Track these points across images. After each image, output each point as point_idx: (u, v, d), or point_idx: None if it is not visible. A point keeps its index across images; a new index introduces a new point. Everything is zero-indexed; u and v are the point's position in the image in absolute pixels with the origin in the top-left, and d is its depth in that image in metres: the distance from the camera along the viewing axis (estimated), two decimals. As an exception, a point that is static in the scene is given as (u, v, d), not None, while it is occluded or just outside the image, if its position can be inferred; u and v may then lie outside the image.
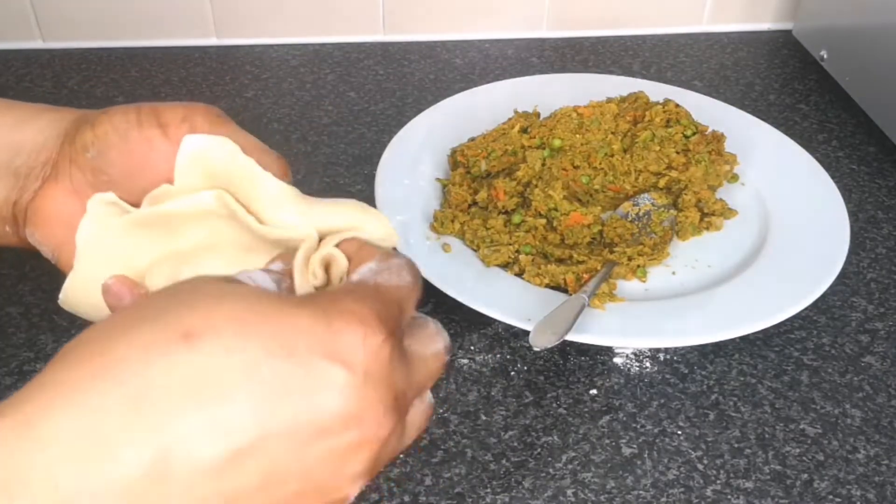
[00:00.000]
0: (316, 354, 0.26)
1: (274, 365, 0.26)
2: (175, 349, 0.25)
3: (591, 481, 0.44)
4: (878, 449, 0.46)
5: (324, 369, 0.26)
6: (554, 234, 0.57)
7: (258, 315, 0.26)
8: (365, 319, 0.27)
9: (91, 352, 0.25)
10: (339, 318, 0.27)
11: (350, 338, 0.27)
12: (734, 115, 0.68)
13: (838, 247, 0.55)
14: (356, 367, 0.27)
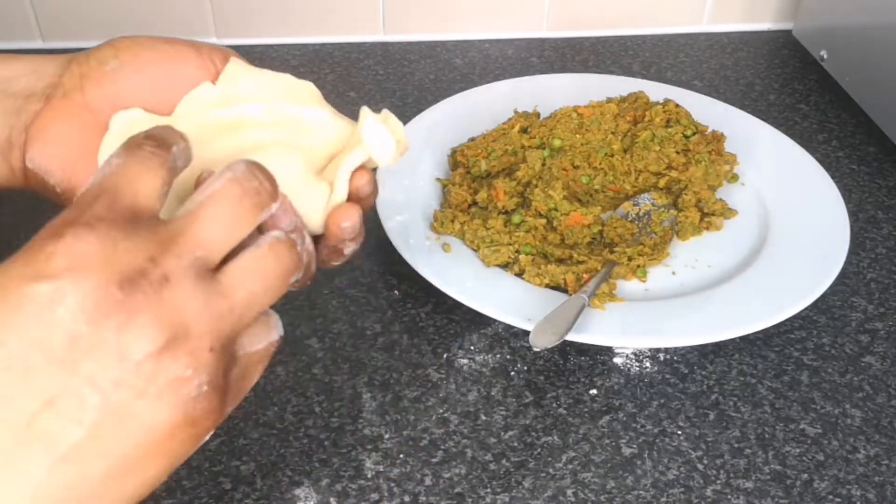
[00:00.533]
0: (14, 281, 0.26)
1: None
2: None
3: (591, 481, 0.44)
4: (879, 449, 0.46)
5: (31, 289, 0.25)
6: (554, 234, 0.57)
7: None
8: (54, 224, 0.27)
9: None
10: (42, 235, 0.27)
11: (37, 251, 0.26)
12: (734, 115, 0.68)
13: (838, 247, 0.55)
14: (56, 269, 0.25)
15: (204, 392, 0.27)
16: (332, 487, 0.43)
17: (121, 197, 0.28)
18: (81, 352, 0.25)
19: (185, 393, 0.26)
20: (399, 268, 0.54)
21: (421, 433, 0.46)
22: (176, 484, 0.43)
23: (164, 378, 0.26)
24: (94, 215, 0.27)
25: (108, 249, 0.26)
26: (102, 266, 0.26)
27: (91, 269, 0.26)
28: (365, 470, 0.44)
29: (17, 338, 0.25)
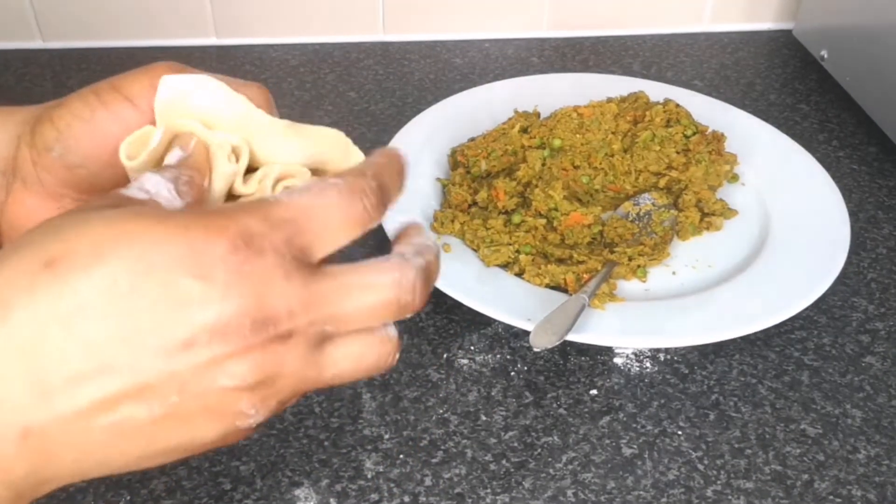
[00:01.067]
0: (174, 269, 0.27)
1: (132, 281, 0.26)
2: (36, 276, 0.26)
3: (591, 482, 0.44)
4: (879, 449, 0.46)
5: (182, 283, 0.27)
6: (554, 234, 0.56)
7: (117, 234, 0.27)
8: (228, 233, 0.27)
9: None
10: (199, 232, 0.27)
11: (209, 251, 0.27)
12: (734, 115, 0.68)
13: (839, 247, 0.55)
14: (215, 280, 0.27)
15: (251, 427, 0.29)
16: (331, 488, 0.43)
17: (304, 236, 0.29)
18: (189, 358, 0.27)
19: (237, 424, 0.28)
20: (399, 268, 0.54)
21: (421, 433, 0.46)
22: (176, 484, 0.43)
23: (230, 409, 0.28)
24: (273, 245, 0.28)
25: (263, 286, 0.27)
26: (250, 300, 0.27)
27: (239, 297, 0.27)
28: (365, 470, 0.44)
29: (147, 315, 0.26)
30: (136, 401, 0.27)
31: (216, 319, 0.27)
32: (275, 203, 0.29)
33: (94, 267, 0.26)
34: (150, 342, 0.26)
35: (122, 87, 0.34)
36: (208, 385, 0.27)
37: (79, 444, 0.27)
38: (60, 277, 0.26)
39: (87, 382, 0.26)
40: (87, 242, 0.27)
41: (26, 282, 0.26)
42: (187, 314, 0.27)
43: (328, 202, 0.29)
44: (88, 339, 0.26)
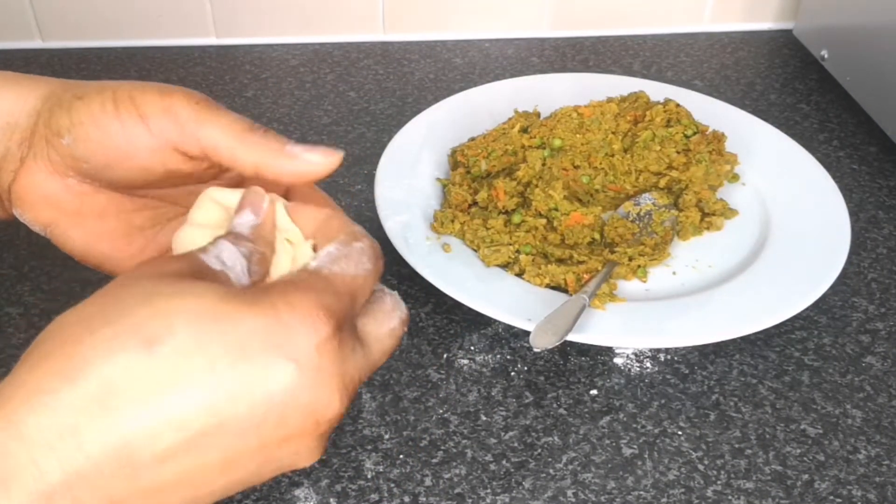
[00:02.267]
0: (268, 352, 0.28)
1: (229, 365, 0.28)
2: (136, 353, 0.27)
3: (591, 482, 0.44)
4: (879, 449, 0.46)
5: (276, 366, 0.28)
6: (554, 234, 0.56)
7: (212, 316, 0.28)
8: (313, 312, 0.29)
9: (59, 351, 0.27)
10: (288, 313, 0.29)
11: (300, 332, 0.29)
12: (735, 115, 0.68)
13: (839, 247, 0.55)
14: (306, 362, 0.29)
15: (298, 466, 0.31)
16: (331, 488, 0.43)
17: (356, 306, 0.32)
18: (277, 436, 0.29)
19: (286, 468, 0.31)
20: (399, 268, 0.54)
21: (421, 433, 0.46)
22: (175, 484, 0.43)
23: (296, 466, 0.31)
24: (344, 318, 0.30)
25: (344, 365, 0.30)
26: (337, 380, 0.30)
27: (329, 380, 0.29)
28: (365, 470, 0.44)
29: (243, 400, 0.28)
30: (220, 474, 0.29)
31: (309, 402, 0.29)
32: (330, 276, 0.31)
33: (194, 349, 0.27)
34: (244, 425, 0.28)
35: (139, 103, 0.35)
36: (287, 454, 0.30)
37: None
38: (160, 361, 0.27)
39: (174, 460, 0.27)
40: (184, 321, 0.28)
41: (124, 359, 0.27)
42: (282, 398, 0.28)
43: (366, 272, 0.32)
44: (182, 421, 0.27)
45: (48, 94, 0.36)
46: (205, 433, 0.27)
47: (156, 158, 0.35)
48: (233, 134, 0.34)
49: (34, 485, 0.26)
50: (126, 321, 0.27)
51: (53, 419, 0.26)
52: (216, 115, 0.35)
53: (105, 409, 0.26)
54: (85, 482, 0.26)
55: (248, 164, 0.34)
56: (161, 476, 0.27)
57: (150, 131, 0.35)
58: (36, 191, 0.37)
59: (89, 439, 0.26)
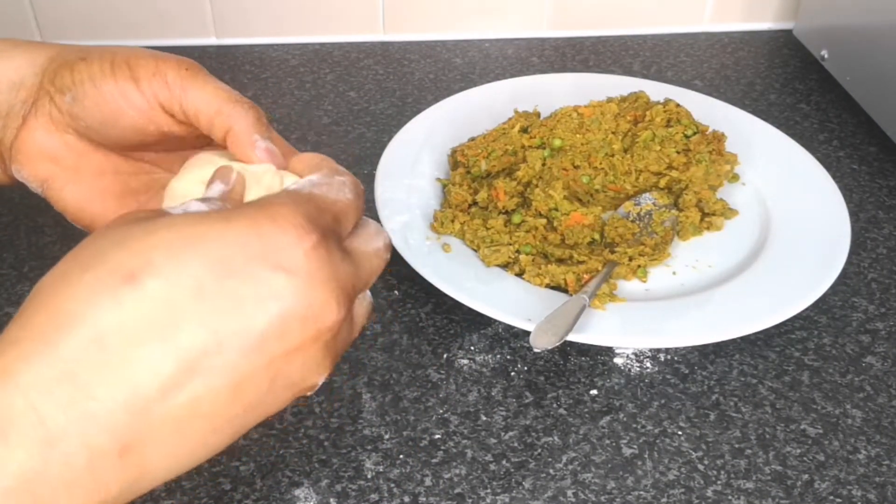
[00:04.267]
0: (254, 264, 0.28)
1: (216, 283, 0.27)
2: (120, 291, 0.27)
3: (591, 482, 0.44)
4: (879, 449, 0.46)
5: (266, 278, 0.28)
6: (554, 234, 0.56)
7: (189, 239, 0.28)
8: (295, 221, 0.29)
9: (46, 304, 0.27)
10: (268, 224, 0.28)
11: (283, 241, 0.28)
12: (735, 115, 0.68)
13: (839, 247, 0.55)
14: (297, 269, 0.28)
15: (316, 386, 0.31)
16: (331, 488, 0.43)
17: (340, 225, 0.32)
18: (281, 348, 0.28)
19: (307, 392, 0.31)
20: (399, 268, 0.54)
21: (421, 434, 0.46)
22: (175, 484, 0.43)
23: (308, 383, 0.31)
24: (329, 228, 0.30)
25: (335, 269, 0.30)
26: (332, 283, 0.29)
27: (323, 283, 0.29)
28: (365, 470, 0.44)
29: (237, 314, 0.27)
30: (232, 398, 0.28)
31: (306, 308, 0.28)
32: (311, 194, 0.31)
33: (176, 275, 0.27)
34: (244, 341, 0.27)
35: (133, 66, 0.37)
36: (295, 369, 0.29)
37: (172, 449, 0.28)
38: (144, 290, 0.27)
39: (181, 389, 0.27)
40: (161, 251, 0.27)
41: (110, 300, 0.27)
42: (277, 307, 0.28)
43: (348, 200, 0.32)
44: (181, 346, 0.27)
45: (55, 55, 0.38)
46: (206, 355, 0.27)
47: (146, 118, 0.37)
48: (214, 103, 0.36)
49: (33, 431, 0.25)
50: (103, 264, 0.27)
51: (50, 366, 0.26)
52: (201, 83, 0.37)
53: (101, 351, 0.26)
54: (93, 423, 0.26)
55: (221, 132, 0.36)
56: (171, 408, 0.27)
57: (142, 93, 0.37)
58: (35, 146, 0.38)
59: (90, 382, 0.26)
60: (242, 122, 0.36)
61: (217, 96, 0.36)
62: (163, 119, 0.38)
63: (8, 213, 0.60)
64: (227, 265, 0.27)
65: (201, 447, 0.28)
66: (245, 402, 0.28)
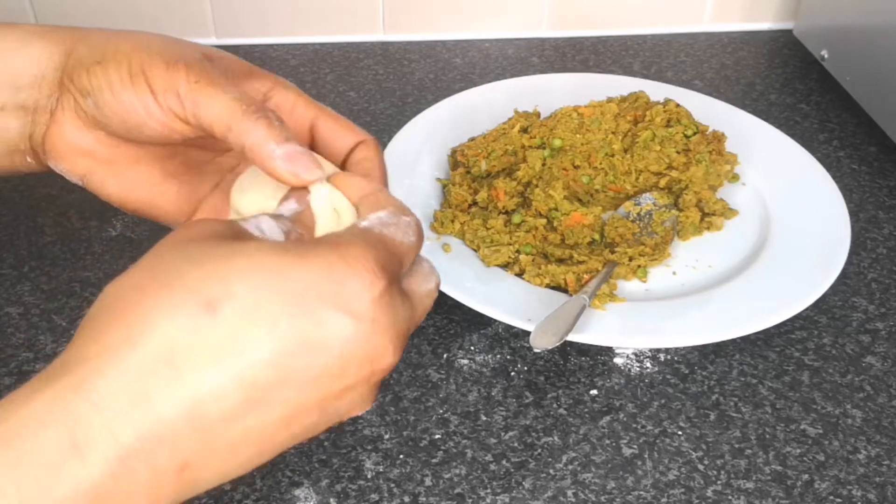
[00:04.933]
0: (325, 306, 0.29)
1: (288, 321, 0.28)
2: (199, 317, 0.27)
3: (591, 482, 0.44)
4: (879, 449, 0.46)
5: (334, 320, 0.29)
6: (554, 234, 0.56)
7: (268, 273, 0.28)
8: (368, 266, 0.30)
9: (121, 316, 0.28)
10: (341, 266, 0.29)
11: (354, 286, 0.29)
12: (735, 115, 0.68)
13: (839, 247, 0.55)
14: (364, 315, 0.29)
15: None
16: (331, 488, 0.43)
17: (403, 268, 0.33)
18: (337, 387, 0.30)
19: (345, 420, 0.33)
20: (399, 268, 0.54)
21: (421, 433, 0.46)
22: (175, 484, 0.43)
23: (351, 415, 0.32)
24: (395, 274, 0.31)
25: (395, 314, 0.31)
26: (392, 331, 0.30)
27: (385, 331, 0.30)
28: (365, 470, 0.44)
29: (304, 353, 0.28)
30: (283, 429, 0.29)
31: (366, 352, 0.30)
32: (381, 236, 0.32)
33: (253, 308, 0.28)
34: (305, 378, 0.29)
35: (149, 76, 0.36)
36: (344, 404, 0.31)
37: (222, 467, 0.29)
38: (223, 322, 0.28)
39: (242, 418, 0.28)
40: (241, 282, 0.28)
41: (187, 323, 0.27)
42: (340, 350, 0.29)
43: (411, 244, 0.33)
44: (248, 379, 0.28)
45: (70, 50, 0.38)
46: (269, 389, 0.28)
47: (169, 128, 0.37)
48: (225, 117, 0.35)
49: (110, 450, 0.26)
50: (183, 283, 0.28)
51: (123, 385, 0.27)
52: (211, 95, 0.35)
53: (173, 371, 0.27)
54: (160, 445, 0.27)
55: (238, 148, 0.35)
56: (230, 435, 0.28)
57: (160, 105, 0.36)
58: (68, 142, 0.38)
59: (161, 402, 0.27)
60: (254, 136, 0.34)
61: (227, 109, 0.35)
62: (186, 129, 0.37)
63: (8, 213, 0.60)
64: (300, 304, 0.28)
65: (245, 466, 0.30)
66: (293, 432, 0.30)
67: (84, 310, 0.52)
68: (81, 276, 0.55)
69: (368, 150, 0.39)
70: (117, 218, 0.59)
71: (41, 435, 0.26)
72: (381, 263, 0.30)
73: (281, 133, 0.34)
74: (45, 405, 0.26)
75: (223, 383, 0.27)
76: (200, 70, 0.36)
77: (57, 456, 0.26)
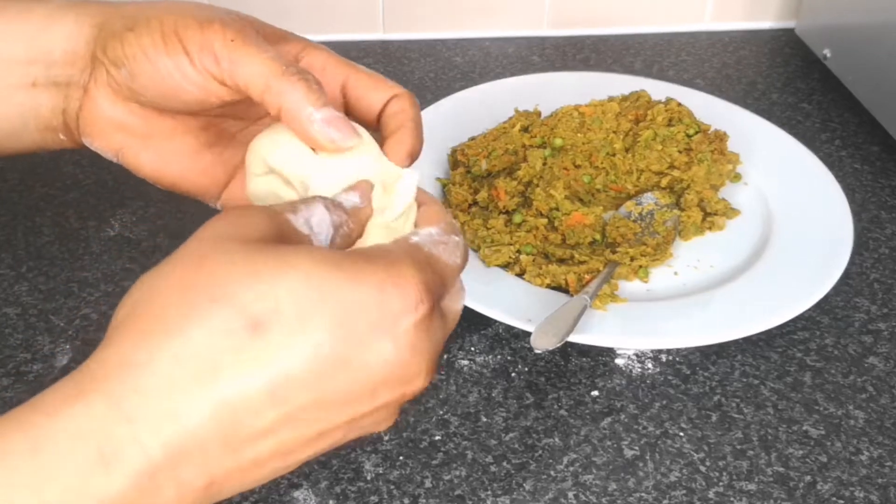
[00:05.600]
0: (371, 330, 0.28)
1: (333, 347, 0.28)
2: (242, 338, 0.27)
3: (592, 483, 0.43)
4: (882, 450, 0.45)
5: (375, 344, 0.28)
6: (555, 234, 0.56)
7: (318, 292, 0.28)
8: (416, 288, 0.29)
9: (164, 324, 0.27)
10: (392, 288, 0.29)
11: (399, 307, 0.29)
12: (736, 114, 0.67)
13: (841, 247, 0.55)
14: (404, 340, 0.29)
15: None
16: (331, 490, 0.43)
17: (445, 290, 0.32)
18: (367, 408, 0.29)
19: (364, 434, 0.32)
20: (399, 268, 0.54)
21: (421, 435, 0.46)
22: (174, 486, 0.43)
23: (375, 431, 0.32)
24: (438, 297, 0.31)
25: (433, 340, 0.30)
26: (427, 356, 0.30)
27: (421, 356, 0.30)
28: (364, 472, 0.44)
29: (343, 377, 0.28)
30: (311, 445, 0.29)
31: (400, 377, 0.29)
32: (430, 255, 0.31)
33: (299, 331, 0.27)
34: (340, 399, 0.29)
35: (183, 37, 0.35)
36: (370, 422, 0.30)
37: (246, 481, 0.29)
38: (268, 345, 0.27)
39: (273, 435, 0.28)
40: (290, 305, 0.27)
41: (232, 344, 0.27)
42: (378, 374, 0.29)
43: (456, 265, 0.33)
44: (285, 399, 0.28)
45: (101, 23, 0.37)
46: (304, 408, 0.28)
47: (206, 91, 0.36)
48: (263, 76, 0.34)
49: (136, 463, 0.26)
50: (230, 300, 0.27)
51: (158, 399, 0.26)
52: (249, 53, 0.34)
53: (211, 386, 0.26)
54: (188, 460, 0.27)
55: (274, 109, 0.34)
56: (259, 451, 0.28)
57: (195, 67, 0.35)
58: (103, 117, 0.38)
59: (196, 417, 0.26)
60: (292, 98, 0.33)
61: (265, 68, 0.34)
62: (223, 91, 0.36)
63: (6, 213, 0.59)
64: (347, 327, 0.28)
65: (266, 479, 0.30)
66: (318, 448, 0.30)
67: (82, 310, 0.52)
68: (79, 277, 0.54)
69: (403, 103, 0.39)
70: (115, 218, 0.59)
71: (68, 446, 0.25)
72: (428, 286, 0.30)
73: (320, 97, 0.34)
74: (76, 416, 0.26)
75: (260, 401, 0.27)
76: (237, 29, 0.35)
77: (83, 468, 0.25)
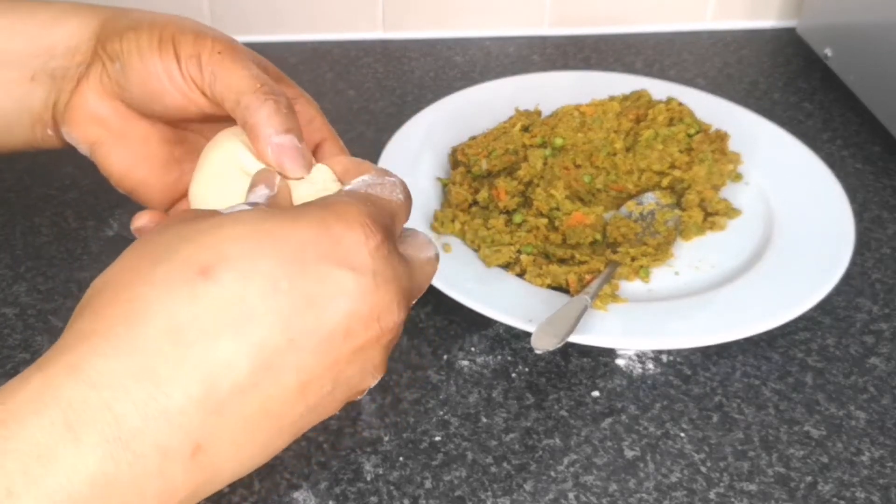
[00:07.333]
0: (325, 263, 0.28)
1: (289, 281, 0.27)
2: (195, 285, 0.26)
3: (592, 484, 0.43)
4: (884, 451, 0.45)
5: (335, 276, 0.28)
6: (556, 234, 0.56)
7: (260, 235, 0.28)
8: (361, 220, 0.29)
9: (116, 297, 0.27)
10: (336, 223, 0.29)
11: (351, 240, 0.29)
12: (738, 114, 0.67)
13: (843, 247, 0.54)
14: (364, 268, 0.28)
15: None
16: (330, 490, 0.42)
17: (395, 226, 0.32)
18: (347, 348, 0.29)
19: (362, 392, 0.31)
20: (399, 268, 0.53)
21: (421, 435, 0.45)
22: (173, 487, 0.42)
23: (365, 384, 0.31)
24: (389, 228, 0.31)
25: (396, 268, 0.30)
26: (394, 284, 0.30)
27: (387, 284, 0.29)
28: (364, 473, 0.43)
29: (310, 313, 0.27)
30: (299, 398, 0.28)
31: (371, 308, 0.29)
32: (368, 195, 0.31)
33: (250, 270, 0.27)
34: (314, 339, 0.28)
35: (177, 43, 0.36)
36: (356, 370, 0.29)
37: (240, 450, 0.27)
38: (220, 283, 0.26)
39: (256, 388, 0.27)
40: (234, 245, 0.27)
41: (186, 293, 0.26)
42: (346, 306, 0.28)
43: (399, 201, 0.33)
44: (257, 344, 0.26)
45: (108, 19, 0.39)
46: (279, 352, 0.27)
47: (187, 99, 0.37)
48: (237, 90, 0.35)
49: (108, 430, 0.25)
50: (175, 258, 0.27)
51: (123, 363, 0.25)
52: (230, 67, 0.36)
53: (177, 345, 0.26)
54: (167, 422, 0.25)
55: (241, 124, 0.36)
56: (244, 409, 0.27)
57: (182, 73, 0.36)
58: (86, 109, 0.39)
59: (166, 378, 0.25)
60: (257, 116, 0.34)
61: (241, 83, 0.35)
62: (203, 101, 0.37)
63: (4, 213, 0.59)
64: (299, 263, 0.27)
65: (265, 449, 0.28)
66: (309, 402, 0.28)
67: (81, 310, 0.52)
68: (78, 277, 0.54)
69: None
70: (114, 218, 0.59)
71: (30, 421, 0.24)
72: (374, 218, 0.30)
73: (284, 121, 0.35)
74: (36, 390, 0.25)
75: (232, 350, 0.26)
76: (226, 44, 0.37)
77: (49, 442, 0.24)
